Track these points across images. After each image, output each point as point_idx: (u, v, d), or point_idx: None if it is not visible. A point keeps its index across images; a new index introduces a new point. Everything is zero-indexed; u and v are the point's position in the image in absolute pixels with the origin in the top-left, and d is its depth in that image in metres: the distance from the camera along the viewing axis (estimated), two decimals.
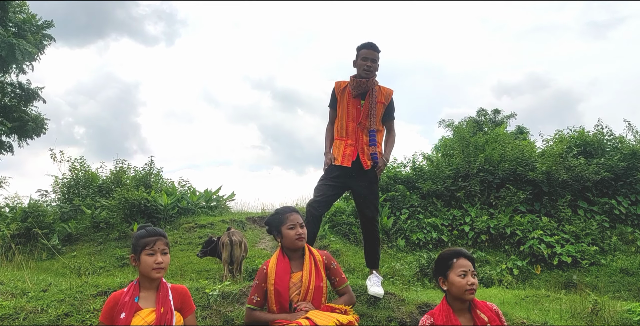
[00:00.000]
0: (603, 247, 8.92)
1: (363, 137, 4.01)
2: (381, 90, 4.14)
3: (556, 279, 7.94)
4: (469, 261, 2.71)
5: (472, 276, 2.67)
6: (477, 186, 9.98)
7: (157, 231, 2.65)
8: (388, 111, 4.16)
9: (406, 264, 7.97)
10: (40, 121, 13.62)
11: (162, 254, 2.59)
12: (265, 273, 3.02)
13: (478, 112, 19.03)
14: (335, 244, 8.81)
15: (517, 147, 10.60)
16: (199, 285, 3.70)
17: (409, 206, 10.01)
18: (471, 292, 2.65)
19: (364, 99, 4.07)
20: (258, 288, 3.01)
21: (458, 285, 2.66)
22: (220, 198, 11.95)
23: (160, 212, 10.40)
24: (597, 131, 11.05)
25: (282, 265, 3.02)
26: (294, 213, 3.16)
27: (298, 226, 3.08)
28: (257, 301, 2.98)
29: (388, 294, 3.74)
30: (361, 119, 4.02)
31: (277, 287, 2.94)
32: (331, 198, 3.98)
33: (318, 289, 2.97)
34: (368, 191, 3.98)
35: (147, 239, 2.60)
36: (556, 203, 9.71)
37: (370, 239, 4.05)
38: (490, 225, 9.30)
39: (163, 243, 2.62)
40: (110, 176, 12.06)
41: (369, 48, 4.09)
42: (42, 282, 3.95)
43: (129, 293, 2.58)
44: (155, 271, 2.56)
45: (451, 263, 2.72)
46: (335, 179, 3.96)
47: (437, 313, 2.71)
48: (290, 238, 3.06)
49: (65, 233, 10.11)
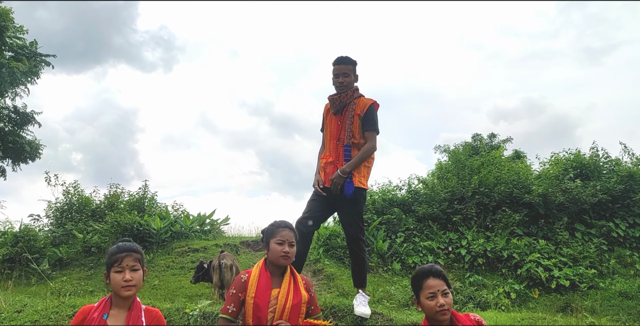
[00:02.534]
0: (601, 270, 8.76)
1: (342, 153, 3.95)
2: (360, 102, 4.07)
3: (554, 303, 7.76)
4: (438, 280, 2.62)
5: (442, 296, 2.58)
6: (473, 208, 9.87)
7: (126, 247, 2.52)
8: (364, 121, 4.06)
9: (401, 287, 7.82)
10: (35, 145, 13.59)
11: (131, 271, 2.46)
12: (244, 283, 2.88)
13: (473, 137, 19.01)
14: (330, 268, 8.67)
15: (512, 170, 10.53)
16: (179, 305, 3.58)
17: (404, 229, 9.88)
18: (443, 313, 2.56)
19: (342, 115, 4.03)
20: (234, 298, 2.86)
21: (427, 307, 2.59)
22: (214, 221, 11.82)
23: (153, 236, 10.27)
24: (593, 154, 11.00)
25: (264, 279, 2.89)
26: (287, 229, 3.03)
27: (287, 244, 2.96)
28: (232, 312, 2.83)
29: (375, 314, 3.63)
30: (339, 135, 3.97)
31: (257, 301, 2.80)
32: (319, 215, 3.90)
33: (296, 307, 2.84)
34: (351, 210, 3.90)
35: (115, 256, 2.47)
36: (553, 226, 9.59)
37: (355, 258, 3.96)
38: (487, 248, 9.16)
39: (132, 259, 2.48)
40: (104, 200, 11.97)
41: (338, 63, 4.09)
42: (18, 303, 3.83)
43: (99, 309, 2.45)
44: (124, 289, 2.43)
45: (420, 284, 2.64)
46: (322, 197, 3.89)
47: None
48: (275, 253, 2.94)
49: (56, 257, 9.96)
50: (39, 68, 13.61)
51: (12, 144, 13.02)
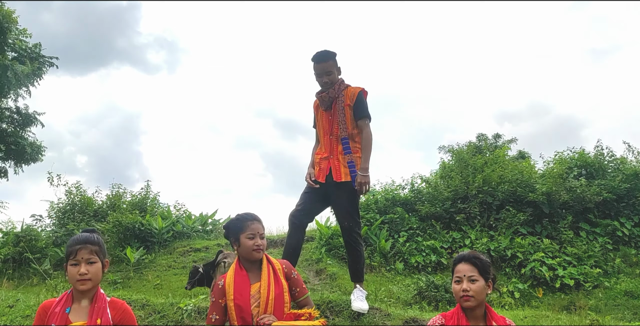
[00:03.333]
0: (606, 269, 8.67)
1: (337, 147, 3.90)
2: (347, 92, 4.02)
3: (558, 302, 7.68)
4: (468, 266, 2.58)
5: (467, 282, 2.54)
6: (476, 208, 9.79)
7: (81, 239, 2.41)
8: (355, 110, 4.00)
9: (404, 287, 7.76)
10: (37, 147, 13.59)
11: (87, 264, 2.35)
12: (222, 289, 2.83)
13: (478, 137, 18.97)
14: (332, 268, 8.60)
15: (516, 169, 10.44)
16: (173, 300, 3.52)
17: (407, 229, 9.80)
18: (466, 299, 2.52)
19: (331, 109, 3.99)
20: (216, 306, 2.82)
21: (453, 291, 2.61)
22: (216, 221, 11.77)
23: (154, 236, 10.23)
24: (598, 152, 10.91)
25: (240, 278, 2.83)
26: (256, 221, 2.97)
27: (258, 236, 2.90)
28: (216, 320, 2.79)
29: (373, 309, 3.57)
30: (332, 129, 3.92)
31: (237, 302, 2.74)
32: (313, 207, 3.86)
33: (279, 298, 2.79)
34: (346, 202, 3.85)
35: (70, 249, 2.37)
36: (557, 225, 9.50)
37: (351, 251, 3.91)
38: (491, 247, 9.07)
39: (87, 252, 2.36)
40: (106, 200, 11.94)
41: (318, 62, 4.00)
42: (11, 298, 3.79)
43: (61, 303, 2.34)
44: (79, 282, 2.33)
45: (453, 268, 2.66)
46: (315, 190, 3.85)
47: (449, 315, 2.62)
48: (247, 248, 2.87)
49: (58, 257, 9.91)
50: (42, 70, 13.63)
51: (14, 146, 13.02)
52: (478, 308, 2.56)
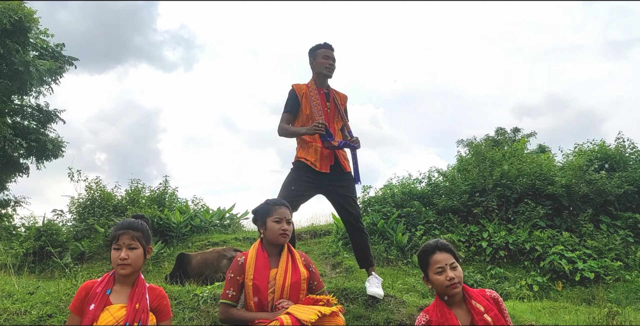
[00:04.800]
0: (627, 263, 8.53)
1: (337, 139, 3.95)
2: (337, 93, 4.24)
3: (578, 295, 7.58)
4: (445, 254, 2.55)
5: (450, 270, 2.51)
6: (494, 201, 9.70)
7: (125, 224, 2.46)
8: (345, 113, 4.24)
9: (421, 279, 7.72)
10: (58, 143, 13.81)
11: (128, 249, 2.39)
12: (241, 266, 2.85)
13: (497, 131, 18.79)
14: (349, 261, 8.60)
15: (535, 162, 10.32)
16: (189, 287, 3.56)
17: (424, 223, 9.76)
18: (454, 287, 2.49)
19: (329, 101, 4.02)
20: (233, 282, 2.83)
21: (437, 283, 2.52)
22: (233, 216, 11.86)
23: (173, 230, 10.34)
24: (619, 144, 10.73)
25: (262, 260, 2.86)
26: (284, 207, 3.01)
27: (284, 221, 2.93)
28: (232, 296, 2.81)
29: (388, 296, 3.56)
30: (331, 122, 3.96)
31: (255, 282, 2.77)
32: (302, 197, 3.85)
33: (295, 285, 2.80)
34: (349, 191, 3.90)
35: (114, 233, 2.43)
36: (577, 218, 9.37)
37: (359, 238, 3.92)
38: (509, 241, 8.99)
39: (129, 237, 2.41)
40: (125, 195, 12.08)
41: (328, 47, 4.10)
42: (31, 286, 3.86)
43: (102, 284, 2.40)
44: (119, 267, 2.38)
45: (427, 260, 2.58)
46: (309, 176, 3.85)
47: (431, 310, 2.56)
48: (274, 232, 2.90)
49: (79, 251, 10.09)
50: (63, 69, 13.83)
51: (36, 142, 13.25)
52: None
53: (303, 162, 3.86)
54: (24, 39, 12.29)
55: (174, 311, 3.14)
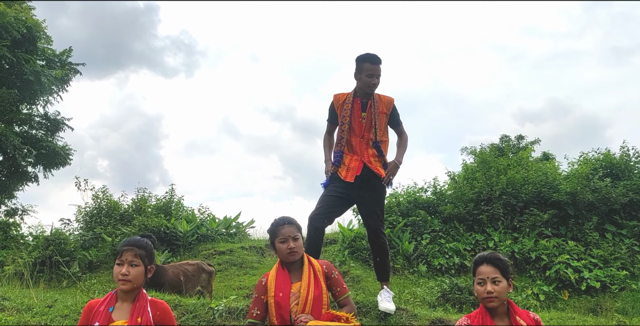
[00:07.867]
0: (633, 271, 8.55)
1: (368, 150, 3.95)
2: (381, 99, 4.05)
3: (584, 304, 7.61)
4: (491, 267, 2.63)
5: (491, 283, 2.59)
6: (499, 209, 9.74)
7: (130, 241, 2.55)
8: (393, 118, 4.11)
9: (427, 289, 7.75)
10: (66, 151, 13.92)
11: (129, 265, 2.47)
12: (264, 286, 2.94)
13: (501, 138, 18.84)
14: (355, 270, 8.63)
15: (540, 170, 10.36)
16: (204, 301, 3.62)
17: (430, 231, 9.80)
18: (490, 300, 2.57)
19: (365, 112, 3.98)
20: (258, 301, 2.94)
21: (477, 293, 2.66)
22: (239, 224, 11.92)
23: (179, 239, 10.39)
24: (623, 153, 10.77)
25: (282, 277, 2.95)
26: (286, 225, 3.05)
27: (290, 239, 2.98)
28: (257, 315, 2.90)
29: (400, 310, 3.62)
30: (364, 133, 3.95)
31: (277, 299, 2.85)
32: (334, 210, 3.88)
33: (317, 299, 2.87)
34: (373, 202, 3.90)
35: (119, 248, 2.52)
36: (582, 227, 9.40)
37: (377, 251, 3.96)
38: (515, 249, 9.03)
39: (132, 254, 2.49)
40: (132, 204, 12.15)
41: (373, 63, 3.95)
42: (49, 299, 3.92)
43: (105, 303, 2.47)
44: (120, 282, 2.45)
45: (475, 270, 2.71)
46: (338, 190, 3.88)
47: (474, 316, 2.68)
48: (282, 252, 2.98)
49: (86, 260, 10.13)
50: (69, 76, 13.95)
51: (45, 150, 13.35)
52: (501, 306, 2.61)
53: (335, 174, 3.92)
54: (33, 49, 12.42)
55: (190, 325, 3.20)
